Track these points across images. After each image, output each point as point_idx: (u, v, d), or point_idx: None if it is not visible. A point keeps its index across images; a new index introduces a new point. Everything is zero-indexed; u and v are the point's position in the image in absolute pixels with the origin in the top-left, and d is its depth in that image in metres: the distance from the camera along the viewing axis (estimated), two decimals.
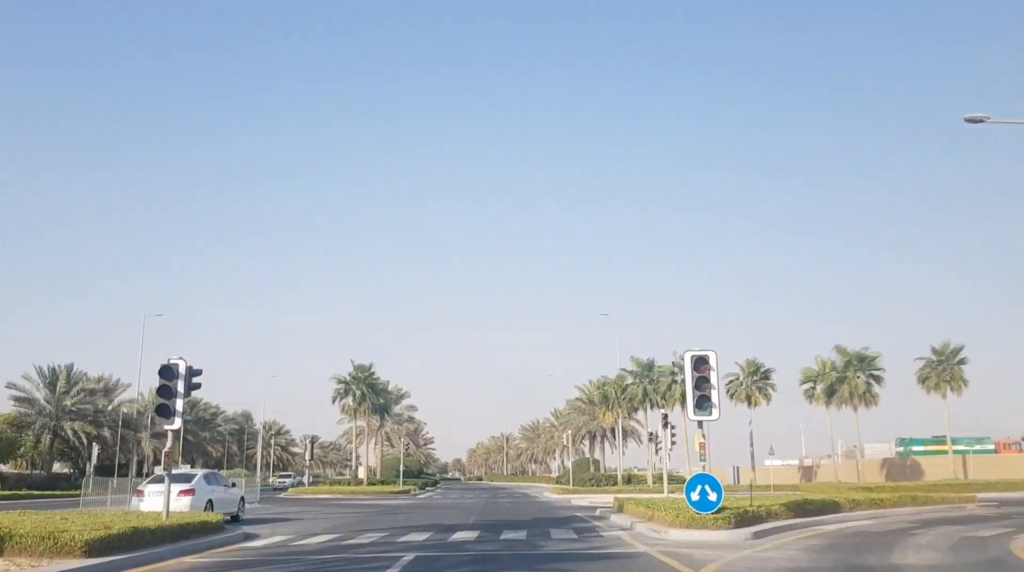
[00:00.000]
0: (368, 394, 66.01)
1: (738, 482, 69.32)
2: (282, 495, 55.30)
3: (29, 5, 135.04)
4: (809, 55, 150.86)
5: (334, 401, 66.39)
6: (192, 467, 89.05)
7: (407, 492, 56.93)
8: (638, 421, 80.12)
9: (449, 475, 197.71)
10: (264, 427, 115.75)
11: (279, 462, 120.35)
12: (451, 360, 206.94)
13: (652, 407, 63.10)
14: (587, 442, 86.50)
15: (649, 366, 64.02)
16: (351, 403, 66.22)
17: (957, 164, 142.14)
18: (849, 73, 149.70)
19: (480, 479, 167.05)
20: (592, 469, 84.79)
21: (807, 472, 72.59)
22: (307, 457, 57.98)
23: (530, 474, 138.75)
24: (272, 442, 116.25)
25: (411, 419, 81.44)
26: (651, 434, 50.41)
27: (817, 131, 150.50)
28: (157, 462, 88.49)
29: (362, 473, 74.60)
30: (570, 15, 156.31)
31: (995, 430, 73.28)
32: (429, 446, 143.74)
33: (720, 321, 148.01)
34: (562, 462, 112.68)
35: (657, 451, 50.09)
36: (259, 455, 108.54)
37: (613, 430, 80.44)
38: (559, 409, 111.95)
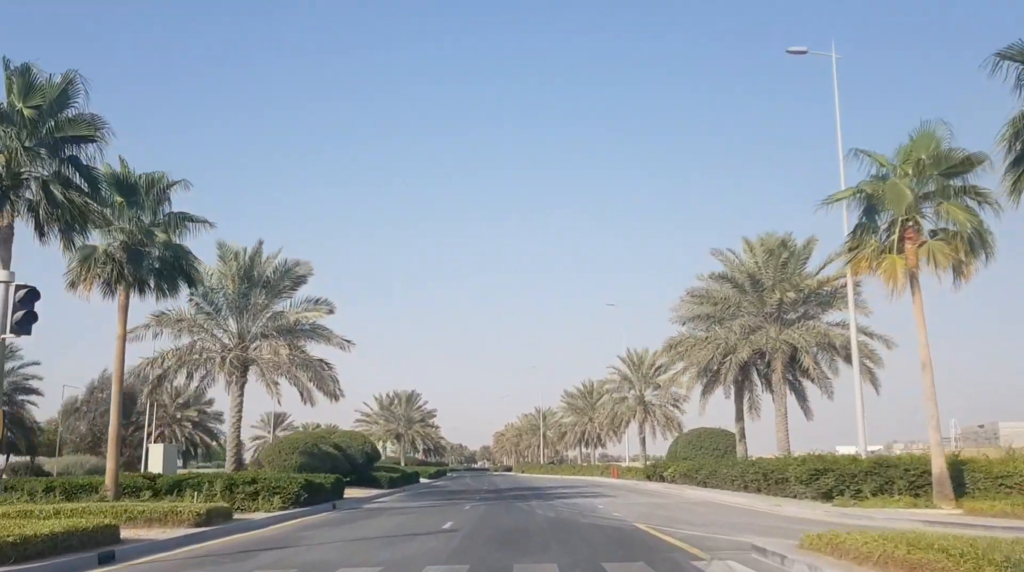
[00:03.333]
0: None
1: None
2: None
3: None
4: None
5: None
6: None
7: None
8: (880, 340, 32.77)
9: (478, 464, 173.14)
10: (170, 395, 70.81)
11: (199, 447, 76.57)
12: (474, 327, 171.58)
13: None
14: (717, 392, 39.11)
15: None
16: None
17: None
18: None
19: (509, 469, 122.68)
20: (742, 452, 37.57)
21: None
22: None
23: (572, 462, 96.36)
24: (179, 416, 71.59)
25: (319, 332, 34.23)
26: None
27: None
28: None
29: (156, 463, 29.19)
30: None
31: None
32: (428, 421, 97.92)
33: None
34: (643, 441, 64.95)
35: None
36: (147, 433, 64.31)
37: (815, 358, 32.78)
38: (636, 350, 64.77)
